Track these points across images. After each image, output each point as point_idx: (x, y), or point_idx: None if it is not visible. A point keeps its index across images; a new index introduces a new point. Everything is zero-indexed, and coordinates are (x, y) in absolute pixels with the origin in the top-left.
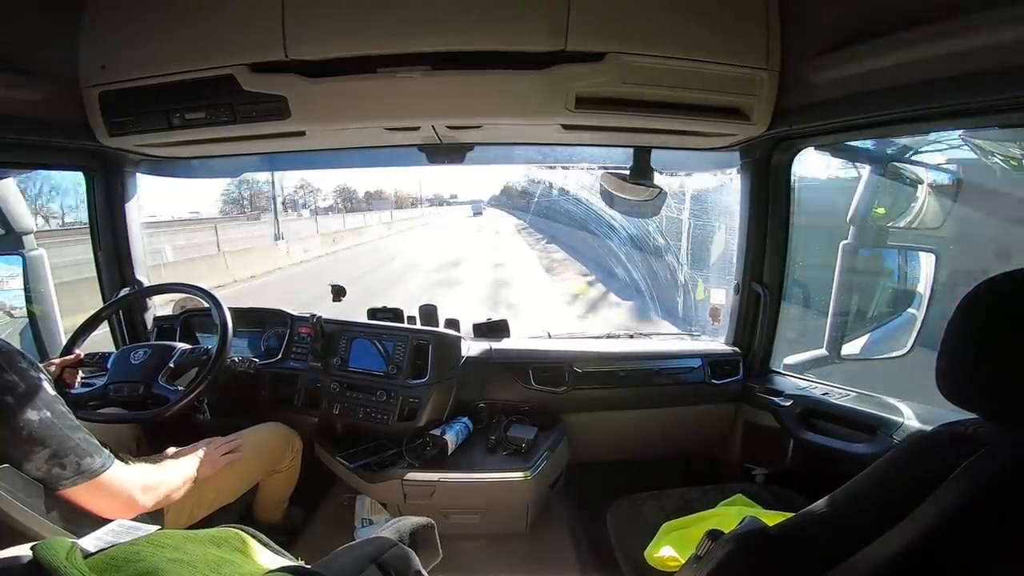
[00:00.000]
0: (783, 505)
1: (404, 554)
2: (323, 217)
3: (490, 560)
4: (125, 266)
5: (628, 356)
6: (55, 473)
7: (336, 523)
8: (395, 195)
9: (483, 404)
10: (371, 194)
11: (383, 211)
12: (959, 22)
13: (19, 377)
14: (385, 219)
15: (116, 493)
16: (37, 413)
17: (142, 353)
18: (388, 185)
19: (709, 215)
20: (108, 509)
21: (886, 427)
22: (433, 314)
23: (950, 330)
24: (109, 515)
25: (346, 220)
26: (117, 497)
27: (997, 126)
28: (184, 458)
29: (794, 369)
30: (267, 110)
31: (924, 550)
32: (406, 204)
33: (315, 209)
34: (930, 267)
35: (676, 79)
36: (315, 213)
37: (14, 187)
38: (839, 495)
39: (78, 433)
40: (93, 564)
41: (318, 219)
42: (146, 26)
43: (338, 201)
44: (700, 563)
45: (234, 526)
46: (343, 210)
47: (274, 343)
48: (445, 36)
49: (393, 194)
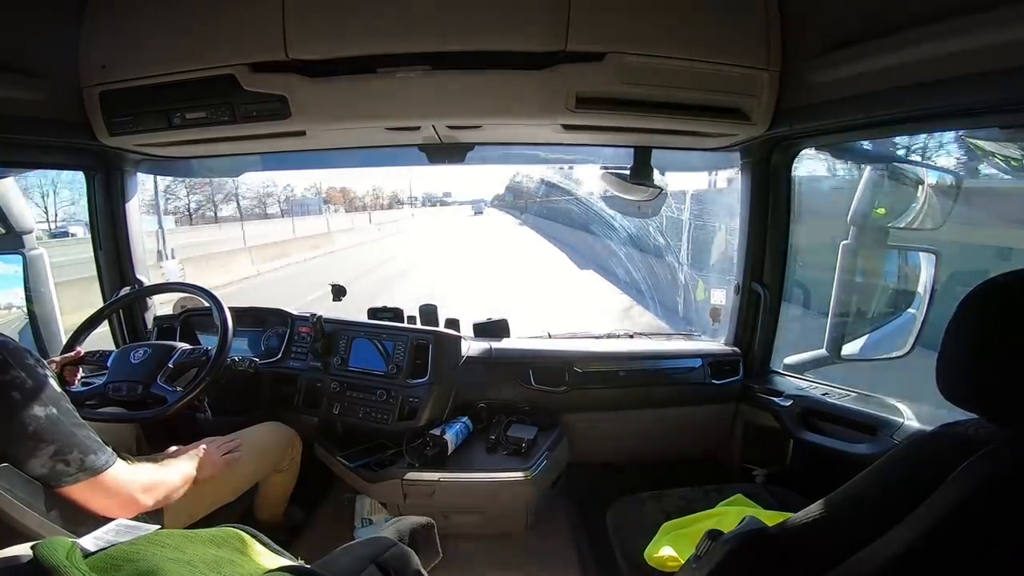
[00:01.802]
0: (783, 505)
1: (404, 554)
2: (228, 224)
3: (490, 560)
4: (125, 265)
5: (628, 356)
6: (59, 470)
7: (336, 523)
8: (372, 193)
9: (483, 404)
10: (308, 198)
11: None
12: (959, 22)
13: (26, 373)
14: (344, 224)
15: (118, 492)
16: (43, 409)
17: (142, 352)
18: (359, 182)
19: (709, 215)
20: (109, 508)
21: (886, 428)
22: (433, 314)
23: (950, 330)
24: (109, 514)
25: (273, 226)
26: (118, 496)
27: (997, 126)
28: (184, 458)
29: (794, 369)
30: (267, 110)
31: (924, 550)
32: (373, 205)
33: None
34: (930, 267)
35: (676, 79)
36: (244, 217)
37: (14, 187)
38: (839, 495)
39: (82, 430)
40: (93, 563)
41: (221, 226)
42: (146, 26)
43: (262, 203)
44: (700, 563)
45: (234, 526)
46: (262, 215)
47: (274, 343)
48: (445, 36)
49: (370, 193)
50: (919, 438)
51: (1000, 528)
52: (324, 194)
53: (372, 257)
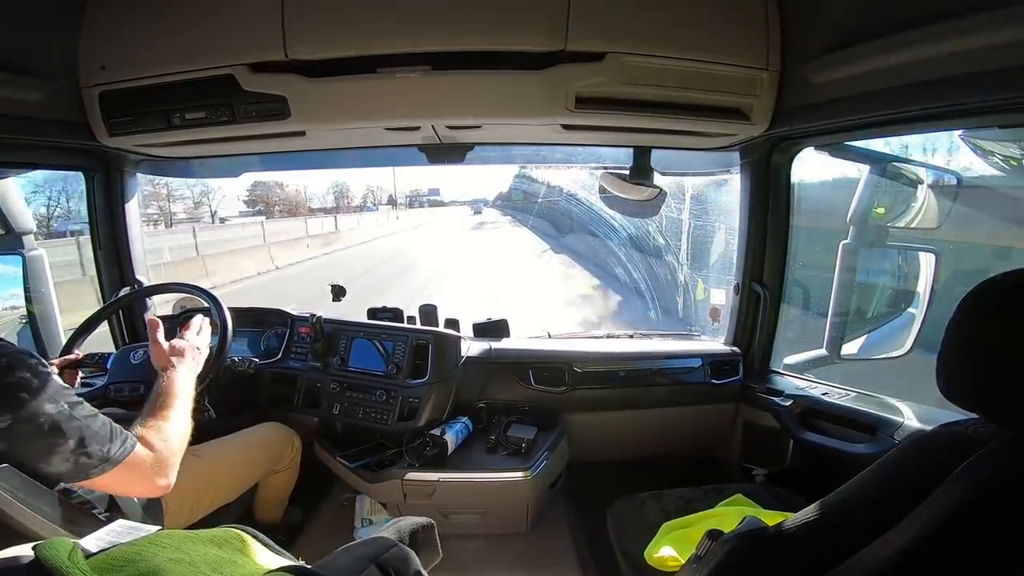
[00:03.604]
0: (783, 505)
1: (404, 554)
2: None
3: (490, 560)
4: (125, 266)
5: (628, 356)
6: (83, 463)
7: (336, 523)
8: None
9: (483, 404)
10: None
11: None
12: (959, 22)
13: (30, 373)
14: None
15: (146, 469)
16: (54, 406)
17: (142, 353)
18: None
19: (709, 215)
20: (140, 488)
21: (886, 427)
22: (433, 314)
23: (950, 330)
24: (141, 493)
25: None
26: (147, 472)
27: (997, 126)
28: (169, 411)
29: (794, 369)
30: (267, 110)
31: (924, 550)
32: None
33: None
34: (930, 267)
35: (676, 79)
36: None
37: (14, 187)
38: (839, 495)
39: (96, 421)
40: (94, 564)
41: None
42: (146, 26)
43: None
44: (700, 563)
45: (234, 526)
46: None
47: (274, 343)
48: (445, 36)
49: (301, 192)
50: (919, 438)
51: (1000, 527)
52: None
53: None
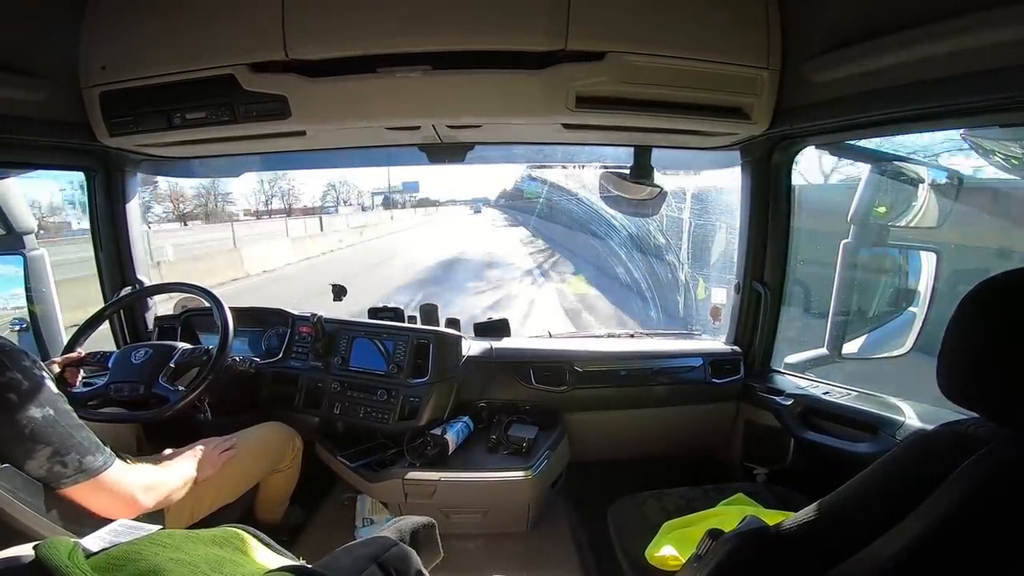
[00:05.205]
0: (784, 504)
1: (405, 554)
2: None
3: (491, 559)
4: (126, 265)
5: (629, 355)
6: (56, 471)
7: (337, 523)
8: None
9: (484, 403)
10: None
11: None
12: (959, 22)
13: (22, 375)
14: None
15: (117, 492)
16: (40, 411)
17: (143, 353)
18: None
19: (710, 214)
20: (109, 508)
21: (887, 426)
22: (434, 313)
23: (950, 329)
24: (110, 514)
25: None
26: (118, 496)
27: (997, 126)
28: (183, 458)
29: (795, 368)
30: (267, 110)
31: (924, 550)
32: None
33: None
34: (931, 266)
35: (676, 78)
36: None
37: (15, 187)
38: (840, 494)
39: (80, 432)
40: (95, 564)
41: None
42: (146, 26)
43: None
44: (701, 562)
45: (235, 526)
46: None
47: (275, 343)
48: (445, 36)
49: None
50: (920, 437)
51: (1000, 527)
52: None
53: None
